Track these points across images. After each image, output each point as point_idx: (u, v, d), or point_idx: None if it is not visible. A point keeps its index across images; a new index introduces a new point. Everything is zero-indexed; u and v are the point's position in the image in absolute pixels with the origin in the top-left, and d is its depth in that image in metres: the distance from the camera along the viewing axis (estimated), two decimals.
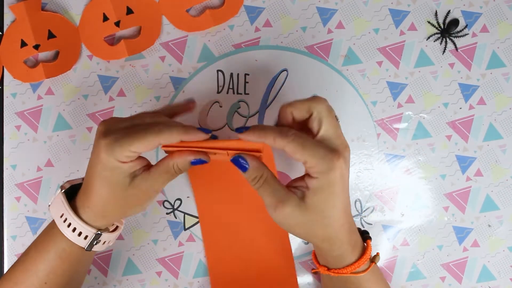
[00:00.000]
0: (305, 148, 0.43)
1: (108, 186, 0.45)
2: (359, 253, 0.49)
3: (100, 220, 0.48)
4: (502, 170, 0.59)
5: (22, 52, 0.58)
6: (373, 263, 0.50)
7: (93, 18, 0.58)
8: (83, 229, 0.47)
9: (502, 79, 0.59)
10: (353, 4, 0.58)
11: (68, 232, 0.47)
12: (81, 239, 0.48)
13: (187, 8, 0.58)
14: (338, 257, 0.48)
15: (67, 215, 0.47)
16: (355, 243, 0.48)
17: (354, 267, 0.48)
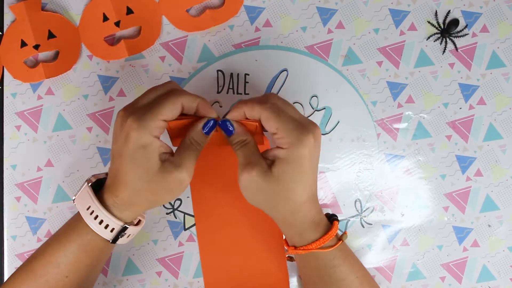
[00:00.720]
0: (279, 116, 0.45)
1: (139, 168, 0.45)
2: (324, 230, 0.49)
3: (128, 210, 0.48)
4: (502, 170, 0.59)
5: (22, 52, 0.58)
6: (341, 241, 0.50)
7: (93, 18, 0.58)
8: (110, 221, 0.47)
9: (502, 79, 0.59)
10: (353, 4, 0.58)
11: (94, 225, 0.47)
12: (108, 231, 0.47)
13: (187, 8, 0.58)
14: (301, 234, 0.49)
15: (94, 207, 0.47)
16: (319, 221, 0.49)
17: (320, 242, 0.48)
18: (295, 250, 0.50)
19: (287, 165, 0.45)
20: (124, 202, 0.47)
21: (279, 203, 0.47)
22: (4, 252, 0.60)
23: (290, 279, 0.59)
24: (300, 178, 0.46)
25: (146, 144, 0.45)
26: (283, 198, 0.47)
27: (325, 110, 0.59)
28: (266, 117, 0.46)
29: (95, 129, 0.60)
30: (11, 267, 0.60)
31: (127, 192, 0.46)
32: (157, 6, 0.58)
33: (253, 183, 0.46)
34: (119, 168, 0.46)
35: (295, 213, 0.47)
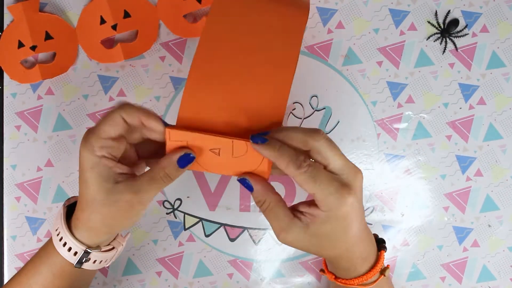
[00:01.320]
0: (316, 181, 0.41)
1: (90, 188, 0.43)
2: (370, 265, 0.47)
3: (88, 233, 0.46)
4: (502, 170, 0.59)
5: (19, 53, 0.58)
6: (382, 275, 0.48)
7: (91, 20, 0.58)
8: (73, 244, 0.46)
9: (502, 79, 0.59)
10: (353, 4, 0.58)
11: (59, 247, 0.46)
12: (71, 255, 0.46)
13: (184, 13, 0.58)
14: (347, 269, 0.47)
15: (61, 229, 0.46)
16: (368, 255, 0.47)
17: (362, 279, 0.47)
18: (334, 279, 0.49)
19: (328, 225, 0.42)
20: (83, 225, 0.45)
21: (325, 252, 0.45)
22: (4, 252, 0.60)
23: (300, 279, 0.60)
24: (341, 233, 0.43)
25: (92, 165, 0.43)
26: (327, 249, 0.44)
27: (325, 110, 0.59)
28: (301, 181, 0.41)
29: None
30: (11, 267, 0.60)
31: (84, 215, 0.45)
32: (154, 11, 0.58)
33: (293, 244, 0.44)
34: (79, 189, 0.45)
35: (343, 257, 0.45)
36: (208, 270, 0.60)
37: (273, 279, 0.60)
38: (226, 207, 0.60)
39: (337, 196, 0.41)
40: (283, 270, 0.60)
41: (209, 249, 0.60)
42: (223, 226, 0.60)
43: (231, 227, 0.60)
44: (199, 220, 0.60)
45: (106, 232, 0.46)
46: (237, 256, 0.60)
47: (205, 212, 0.60)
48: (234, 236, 0.60)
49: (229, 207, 0.60)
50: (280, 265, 0.60)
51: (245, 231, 0.60)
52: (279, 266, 0.60)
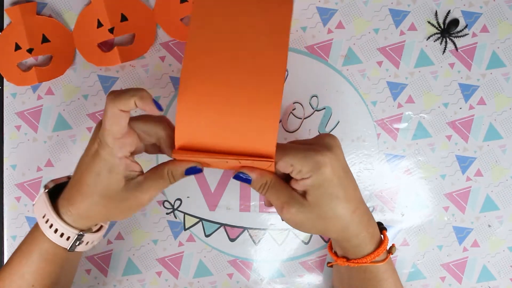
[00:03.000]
0: (286, 153, 0.43)
1: (101, 183, 0.44)
2: (377, 242, 0.49)
3: (82, 220, 0.46)
4: (502, 170, 0.59)
5: (16, 55, 0.58)
6: (390, 254, 0.50)
7: (88, 24, 0.58)
8: (65, 229, 0.46)
9: (502, 79, 0.59)
10: (353, 4, 0.58)
11: (50, 233, 0.46)
12: (63, 240, 0.47)
13: (181, 17, 0.58)
14: (357, 246, 0.48)
15: (49, 215, 0.46)
16: (373, 232, 0.48)
17: (374, 256, 0.48)
18: (346, 262, 0.49)
19: (318, 190, 0.44)
20: (79, 212, 0.46)
21: (330, 224, 0.46)
22: (4, 252, 0.60)
23: (300, 279, 0.60)
24: (337, 193, 0.45)
25: (112, 167, 0.43)
26: (332, 218, 0.45)
27: (325, 110, 0.59)
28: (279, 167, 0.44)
29: None
30: None
31: (83, 204, 0.45)
32: (152, 14, 0.58)
33: (297, 218, 0.45)
34: (80, 177, 0.45)
35: (348, 227, 0.46)
36: (208, 270, 0.60)
37: (273, 279, 0.60)
38: (226, 207, 0.60)
39: (309, 158, 0.43)
40: (283, 270, 0.60)
41: (209, 249, 0.60)
42: (223, 226, 0.60)
43: (231, 227, 0.60)
44: (199, 220, 0.60)
45: (101, 220, 0.48)
46: (237, 256, 0.60)
47: (205, 212, 0.60)
48: (234, 236, 0.60)
49: (229, 207, 0.60)
50: (280, 265, 0.60)
51: (245, 231, 0.60)
52: (279, 266, 0.60)
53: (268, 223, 0.60)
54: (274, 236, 0.60)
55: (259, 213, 0.60)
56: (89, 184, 0.44)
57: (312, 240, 0.60)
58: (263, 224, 0.60)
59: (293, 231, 0.60)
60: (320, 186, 0.44)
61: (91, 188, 0.44)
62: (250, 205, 0.60)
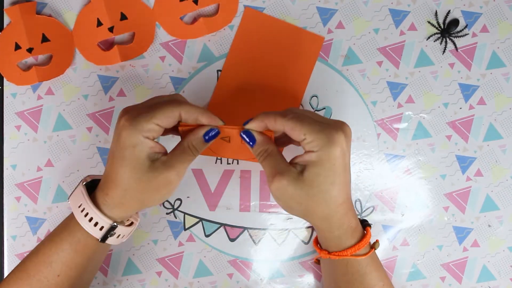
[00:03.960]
0: (303, 122, 0.45)
1: (128, 166, 0.45)
2: (359, 237, 0.49)
3: (118, 208, 0.48)
4: (502, 170, 0.59)
5: (15, 55, 0.58)
6: (373, 249, 0.50)
7: (87, 23, 0.58)
8: (100, 219, 0.47)
9: (502, 79, 0.59)
10: (353, 4, 0.58)
11: (84, 222, 0.47)
12: (97, 229, 0.48)
13: (181, 15, 0.58)
14: (338, 238, 0.48)
15: (85, 205, 0.47)
16: (356, 226, 0.49)
17: (355, 249, 0.48)
18: (328, 254, 0.50)
19: (319, 167, 0.44)
20: (114, 201, 0.47)
21: (315, 208, 0.46)
22: (4, 252, 0.60)
23: (300, 279, 0.60)
24: (334, 179, 0.45)
25: (136, 143, 0.45)
26: (319, 202, 0.46)
27: (325, 110, 0.59)
28: (290, 126, 0.45)
29: (95, 129, 0.60)
30: (11, 267, 0.60)
31: (116, 191, 0.47)
32: (151, 13, 0.58)
33: (285, 191, 0.45)
34: (111, 166, 0.47)
35: (332, 216, 0.47)
36: (208, 270, 0.60)
37: (273, 279, 0.60)
38: (226, 207, 0.60)
39: (327, 133, 0.44)
40: (283, 270, 0.60)
41: (209, 249, 0.60)
42: (223, 226, 0.60)
43: (231, 227, 0.60)
44: (199, 220, 0.60)
45: (137, 207, 0.49)
46: (237, 256, 0.60)
47: (205, 212, 0.60)
48: (234, 236, 0.60)
49: (229, 207, 0.60)
50: (280, 265, 0.60)
51: (245, 231, 0.60)
52: (279, 266, 0.60)
53: (268, 223, 0.60)
54: (274, 236, 0.60)
55: (259, 213, 0.60)
56: (117, 170, 0.46)
57: (312, 240, 0.60)
58: (263, 224, 0.60)
59: (293, 231, 0.60)
60: (323, 164, 0.44)
61: (120, 174, 0.46)
62: (250, 205, 0.60)
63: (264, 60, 0.57)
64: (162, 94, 0.59)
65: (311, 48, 0.57)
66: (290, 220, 0.60)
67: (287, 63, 0.57)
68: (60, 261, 0.48)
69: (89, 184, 0.50)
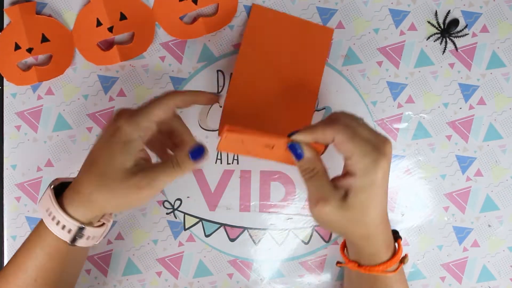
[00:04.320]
0: (354, 139, 0.44)
1: (111, 161, 0.45)
2: (392, 252, 0.49)
3: (84, 206, 0.46)
4: (502, 170, 0.59)
5: (15, 55, 0.58)
6: (402, 264, 0.50)
7: (87, 23, 0.58)
8: (66, 222, 0.46)
9: (502, 79, 0.59)
10: (353, 4, 0.58)
11: (52, 226, 0.47)
12: (65, 232, 0.47)
13: (180, 15, 0.58)
14: (372, 255, 0.48)
15: (52, 208, 0.46)
16: (390, 242, 0.49)
17: (387, 265, 0.48)
18: (358, 267, 0.49)
19: (363, 194, 0.44)
20: (81, 198, 0.46)
21: (355, 229, 0.46)
22: (4, 252, 0.60)
23: (300, 279, 0.60)
24: (376, 204, 0.45)
25: (129, 141, 0.45)
26: (360, 224, 0.45)
27: (325, 110, 0.59)
28: (340, 140, 0.44)
29: (95, 129, 0.60)
30: None
31: (89, 186, 0.45)
32: (151, 13, 0.58)
33: (327, 217, 0.45)
34: (93, 161, 0.46)
35: (371, 236, 0.47)
36: (208, 270, 0.60)
37: (273, 279, 0.60)
38: (226, 207, 0.60)
39: (372, 157, 0.43)
40: (283, 270, 0.60)
41: (209, 249, 0.60)
42: (223, 226, 0.60)
43: (231, 227, 0.60)
44: (199, 220, 0.60)
45: (105, 208, 0.47)
46: (237, 256, 0.60)
47: (205, 212, 0.60)
48: (234, 236, 0.60)
49: (229, 207, 0.60)
50: (280, 265, 0.60)
51: (245, 231, 0.60)
52: (279, 266, 0.60)
53: (268, 223, 0.60)
54: (274, 236, 0.60)
55: (259, 213, 0.60)
56: (99, 164, 0.45)
57: (312, 240, 0.60)
58: (263, 224, 0.60)
59: (293, 231, 0.60)
60: (365, 191, 0.44)
61: (100, 167, 0.45)
62: (250, 205, 0.60)
63: (277, 56, 0.57)
64: None
65: (321, 40, 0.58)
66: (290, 220, 0.60)
67: (300, 57, 0.57)
68: (35, 266, 0.48)
69: (57, 187, 0.49)
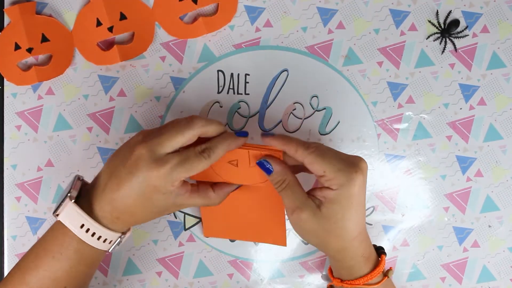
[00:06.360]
0: (324, 159, 0.46)
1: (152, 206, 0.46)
2: (372, 265, 0.50)
3: (122, 224, 0.48)
4: (503, 170, 0.59)
5: (15, 55, 0.58)
6: (386, 277, 0.51)
7: (87, 23, 0.58)
8: (109, 235, 0.48)
9: (503, 79, 0.59)
10: (353, 4, 0.58)
11: (92, 241, 0.47)
12: (106, 244, 0.48)
13: (180, 15, 0.58)
14: (350, 268, 0.49)
15: (90, 225, 0.46)
16: (369, 255, 0.50)
17: (367, 278, 0.49)
18: (341, 283, 0.51)
19: (337, 205, 0.46)
20: (126, 221, 0.48)
21: (330, 241, 0.47)
22: (4, 252, 0.60)
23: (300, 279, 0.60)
24: (351, 216, 0.46)
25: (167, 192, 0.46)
26: (334, 236, 0.47)
27: (326, 111, 0.59)
28: (311, 160, 0.46)
29: (95, 129, 0.60)
30: (11, 267, 0.59)
31: (131, 218, 0.48)
32: (151, 13, 0.58)
33: (304, 225, 0.47)
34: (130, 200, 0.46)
35: (346, 249, 0.48)
36: (208, 270, 0.60)
37: (273, 279, 0.60)
38: None
39: (346, 172, 0.45)
40: (283, 270, 0.60)
41: (209, 249, 0.60)
42: None
43: None
44: (199, 220, 0.60)
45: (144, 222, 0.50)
46: (237, 256, 0.60)
47: None
48: None
49: None
50: (280, 265, 0.60)
51: None
52: (279, 266, 0.60)
53: None
54: None
55: None
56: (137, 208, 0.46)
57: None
58: None
59: (293, 231, 0.60)
60: (339, 202, 0.45)
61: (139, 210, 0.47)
62: None
63: None
64: (162, 94, 0.59)
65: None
66: None
67: None
68: (67, 275, 0.48)
69: None
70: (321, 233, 0.47)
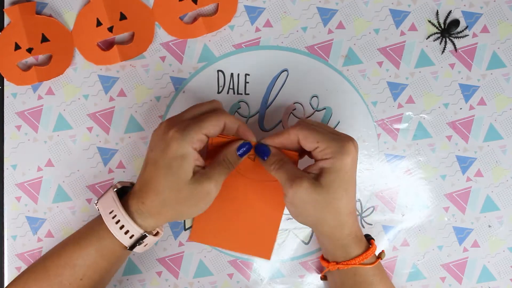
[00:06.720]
0: (317, 130, 0.47)
1: (172, 176, 0.46)
2: (365, 246, 0.51)
3: (152, 218, 0.48)
4: (503, 170, 0.59)
5: (15, 55, 0.58)
6: (379, 259, 0.52)
7: (87, 23, 0.58)
8: (132, 227, 0.48)
9: (503, 79, 0.59)
10: (353, 4, 0.58)
11: (115, 229, 0.48)
12: (127, 237, 0.48)
13: (180, 15, 0.58)
14: (346, 247, 0.50)
15: (117, 212, 0.48)
16: (361, 237, 0.51)
17: (362, 257, 0.50)
18: (337, 265, 0.51)
19: (334, 174, 0.46)
20: (149, 210, 0.48)
21: (328, 215, 0.48)
22: (4, 252, 0.60)
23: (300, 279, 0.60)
24: (347, 187, 0.47)
25: (185, 154, 0.46)
26: (332, 209, 0.48)
27: (326, 111, 0.59)
28: (304, 135, 0.48)
29: (95, 129, 0.60)
30: (11, 267, 0.60)
31: (156, 200, 0.47)
32: (151, 13, 0.58)
33: (304, 195, 0.47)
34: (152, 175, 0.47)
35: (342, 225, 0.49)
36: (208, 270, 0.60)
37: (273, 279, 0.60)
38: None
39: (339, 141, 0.47)
40: (283, 270, 0.60)
41: (209, 249, 0.60)
42: None
43: None
44: None
45: (171, 219, 0.50)
46: (237, 256, 0.60)
47: None
48: None
49: None
50: (280, 265, 0.60)
51: None
52: (279, 266, 0.60)
53: None
54: None
55: None
56: (160, 179, 0.47)
57: (312, 240, 0.60)
58: None
59: (293, 231, 0.60)
60: (336, 171, 0.46)
61: (163, 183, 0.47)
62: None
63: None
64: (162, 94, 0.59)
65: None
66: (290, 220, 0.60)
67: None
68: (85, 265, 0.48)
69: (118, 190, 0.50)
70: (320, 205, 0.47)
